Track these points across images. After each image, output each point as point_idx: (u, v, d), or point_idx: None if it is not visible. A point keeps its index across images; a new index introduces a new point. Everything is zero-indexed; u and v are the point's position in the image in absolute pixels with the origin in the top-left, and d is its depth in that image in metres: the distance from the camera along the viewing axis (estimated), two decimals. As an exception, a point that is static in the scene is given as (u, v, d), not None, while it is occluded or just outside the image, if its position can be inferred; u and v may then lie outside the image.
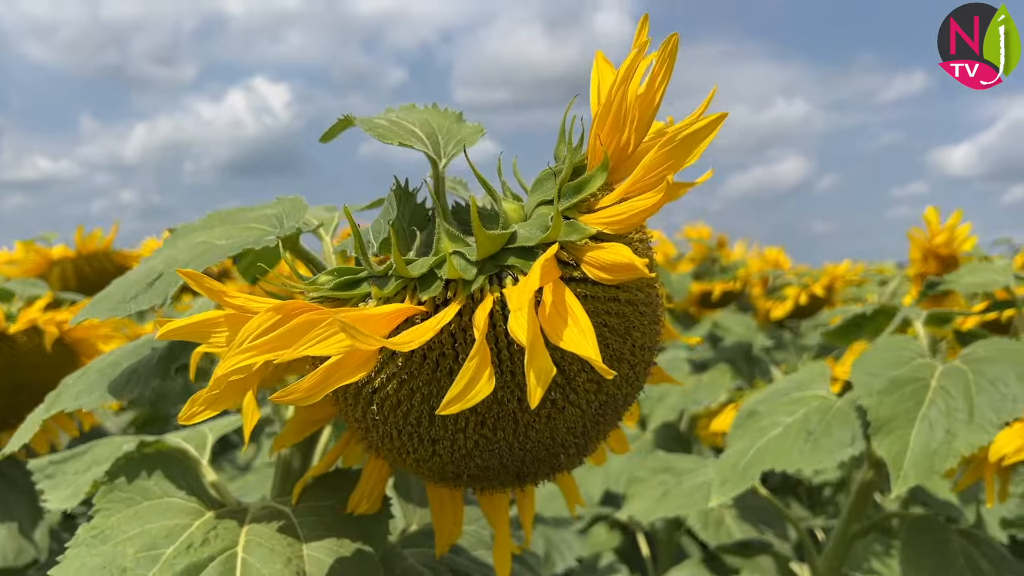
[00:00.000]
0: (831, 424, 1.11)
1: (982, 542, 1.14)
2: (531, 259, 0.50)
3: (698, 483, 1.34)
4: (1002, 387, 1.00)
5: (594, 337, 0.46)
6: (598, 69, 0.58)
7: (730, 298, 2.53)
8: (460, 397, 0.45)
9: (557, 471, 0.66)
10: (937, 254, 1.82)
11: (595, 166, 0.54)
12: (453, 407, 0.45)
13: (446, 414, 0.45)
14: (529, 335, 0.45)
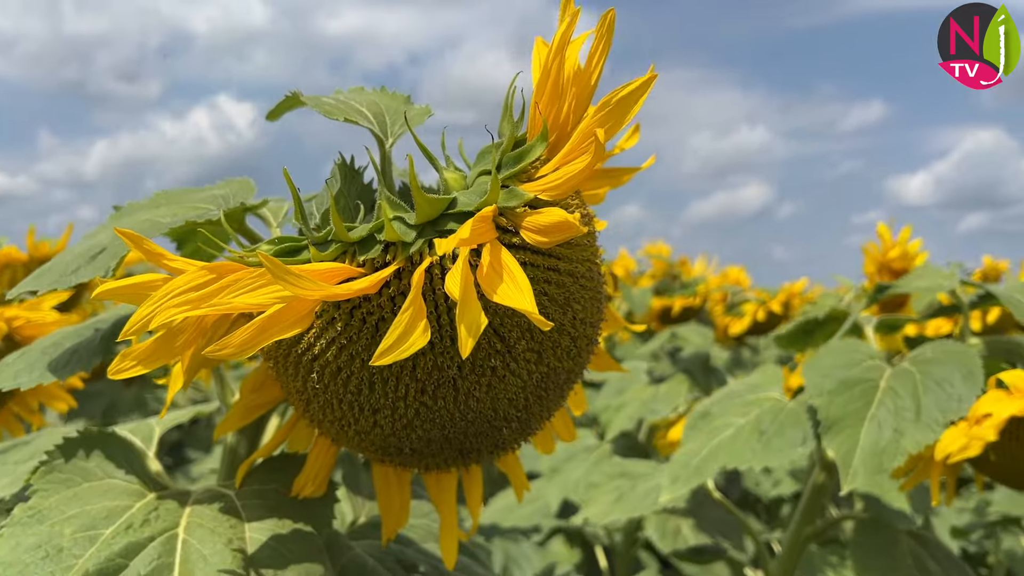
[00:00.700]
0: (783, 424, 1.13)
1: (929, 543, 1.16)
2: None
3: (652, 486, 1.34)
4: (948, 387, 1.02)
5: (531, 293, 0.46)
6: (538, 51, 0.59)
7: (690, 314, 2.56)
8: (394, 348, 0.45)
9: (501, 448, 0.66)
10: (891, 268, 1.86)
11: (535, 136, 0.55)
12: (387, 358, 0.45)
13: (380, 364, 0.45)
14: (462, 288, 0.45)
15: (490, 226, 0.50)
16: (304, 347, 0.55)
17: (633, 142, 0.70)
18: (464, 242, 0.47)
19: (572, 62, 0.55)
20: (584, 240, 0.59)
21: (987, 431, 0.98)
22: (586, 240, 0.59)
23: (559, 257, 0.56)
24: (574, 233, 0.49)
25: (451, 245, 0.47)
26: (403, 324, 0.45)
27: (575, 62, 0.55)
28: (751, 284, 3.29)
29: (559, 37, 0.54)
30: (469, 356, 0.53)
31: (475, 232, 0.48)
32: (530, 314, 0.45)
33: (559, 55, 0.53)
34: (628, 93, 0.52)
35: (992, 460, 1.05)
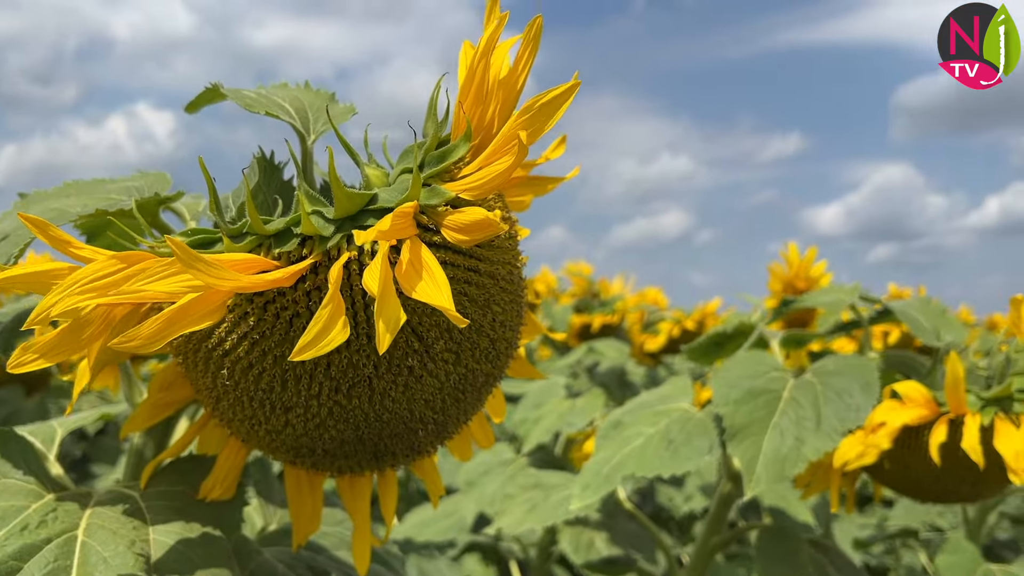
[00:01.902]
0: (691, 433, 1.16)
1: (830, 550, 1.20)
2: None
3: (564, 496, 1.36)
4: (847, 398, 1.06)
5: (449, 290, 0.47)
6: (465, 53, 0.60)
7: (609, 331, 2.60)
8: (313, 343, 0.45)
9: (416, 452, 0.66)
10: (795, 287, 1.93)
11: (459, 136, 0.56)
12: (306, 353, 0.45)
13: (299, 360, 0.45)
14: (380, 284, 0.45)
15: (410, 223, 0.50)
16: (215, 342, 0.54)
17: (559, 152, 0.72)
18: (383, 235, 0.47)
19: (498, 66, 0.56)
20: (506, 243, 0.60)
21: (882, 439, 1.03)
22: (508, 244, 0.60)
23: (480, 258, 0.56)
24: (494, 232, 0.49)
25: (369, 237, 0.47)
26: (323, 319, 0.45)
27: (501, 66, 0.56)
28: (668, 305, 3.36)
29: (485, 40, 0.55)
30: (386, 355, 0.54)
31: (395, 227, 0.48)
32: (447, 311, 0.45)
33: (484, 58, 0.55)
34: (551, 99, 0.53)
35: (887, 468, 1.11)
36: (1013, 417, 1.00)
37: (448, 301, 0.46)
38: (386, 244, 0.48)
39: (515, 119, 0.53)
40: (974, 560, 1.48)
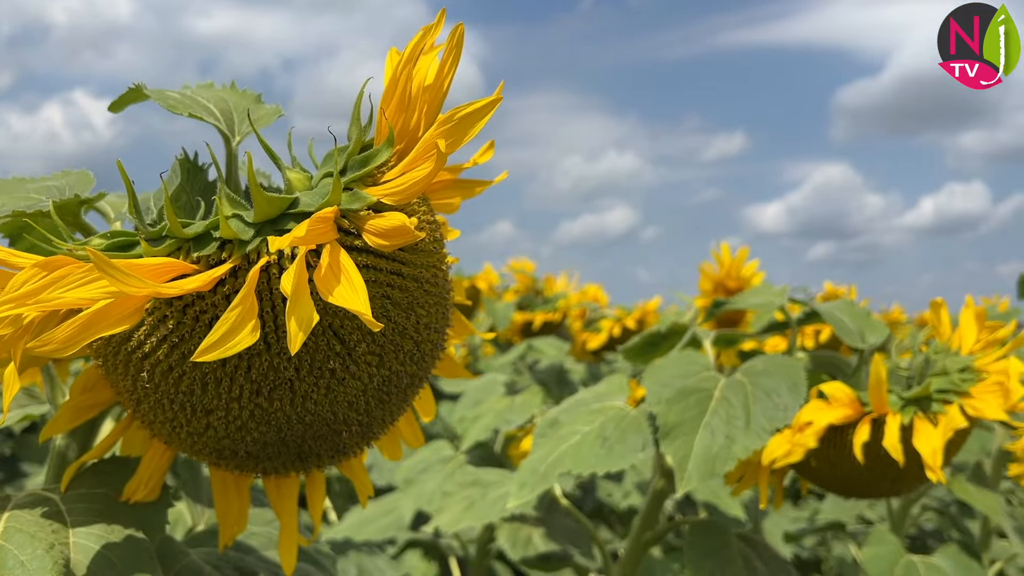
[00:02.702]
0: (625, 431, 1.17)
1: (758, 545, 1.23)
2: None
3: (502, 493, 1.37)
4: (775, 397, 1.09)
5: (366, 294, 0.47)
6: (390, 59, 0.60)
7: (551, 328, 2.62)
8: (219, 344, 0.45)
9: (341, 453, 0.66)
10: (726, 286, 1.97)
11: (382, 141, 0.56)
12: (211, 354, 0.45)
13: (203, 361, 0.45)
14: (294, 285, 0.45)
15: (330, 227, 0.50)
16: (134, 345, 0.53)
17: (487, 157, 0.72)
18: (300, 240, 0.47)
19: (422, 73, 0.56)
20: (430, 247, 0.60)
21: (808, 438, 1.06)
22: (432, 247, 0.61)
23: (404, 262, 0.57)
24: (414, 238, 0.50)
25: (286, 243, 0.47)
26: (231, 321, 0.45)
27: (426, 73, 0.57)
28: (610, 302, 3.40)
29: (409, 49, 0.55)
30: (307, 357, 0.54)
31: (313, 232, 0.48)
32: (362, 315, 0.46)
33: (408, 66, 0.55)
34: (472, 111, 0.54)
35: (813, 466, 1.14)
36: (931, 416, 1.04)
37: (364, 306, 0.46)
38: (305, 248, 0.48)
39: (436, 128, 0.54)
40: (897, 552, 1.53)
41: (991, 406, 1.01)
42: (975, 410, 1.02)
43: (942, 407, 1.03)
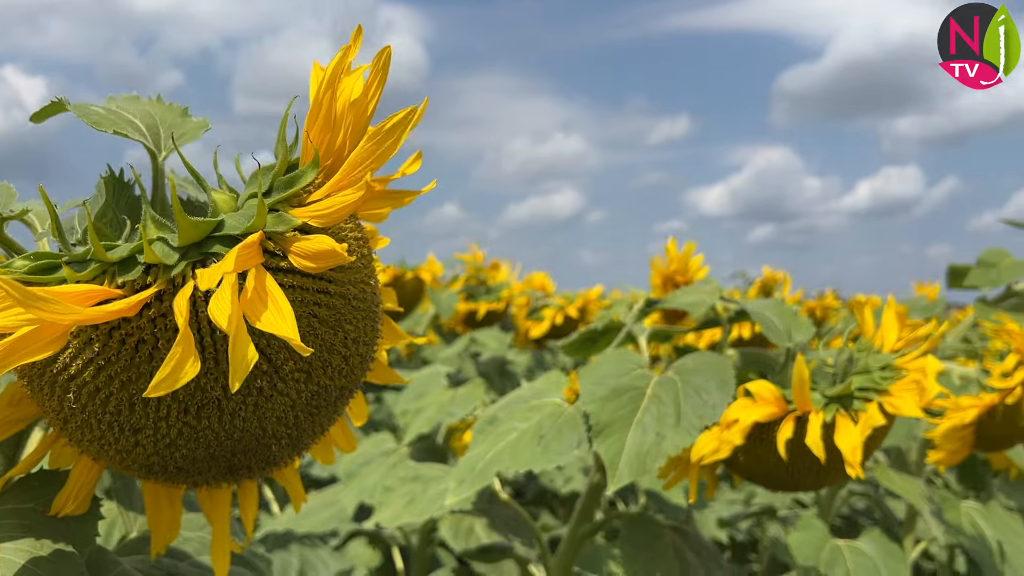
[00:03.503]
0: (561, 429, 1.20)
1: (690, 536, 1.27)
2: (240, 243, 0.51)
3: (442, 489, 1.38)
4: (705, 395, 1.12)
5: (293, 319, 0.48)
6: (315, 76, 0.60)
7: (494, 318, 2.63)
8: (167, 381, 0.46)
9: (272, 464, 0.67)
10: (675, 281, 2.01)
11: (307, 162, 0.57)
12: (160, 390, 0.46)
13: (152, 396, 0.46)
14: (232, 320, 0.46)
15: (255, 252, 0.51)
16: (59, 367, 0.53)
17: (415, 167, 0.73)
18: (227, 272, 0.48)
19: (346, 94, 0.57)
20: (358, 263, 0.61)
21: (735, 435, 1.09)
22: (360, 263, 0.61)
23: (331, 280, 0.57)
24: (341, 261, 0.51)
25: (215, 277, 0.47)
26: (176, 357, 0.46)
27: (349, 94, 0.57)
28: (556, 285, 3.43)
29: (331, 71, 0.55)
30: (232, 376, 0.54)
31: (240, 260, 0.49)
32: (291, 341, 0.47)
33: (331, 88, 0.55)
34: (391, 127, 0.55)
35: (741, 461, 1.18)
36: (852, 414, 1.08)
37: (292, 331, 0.47)
38: (233, 275, 0.49)
39: (362, 146, 0.55)
40: (823, 537, 1.59)
41: (908, 404, 1.06)
42: (894, 407, 1.06)
43: (863, 405, 1.08)
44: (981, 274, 1.91)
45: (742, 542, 2.72)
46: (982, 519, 1.87)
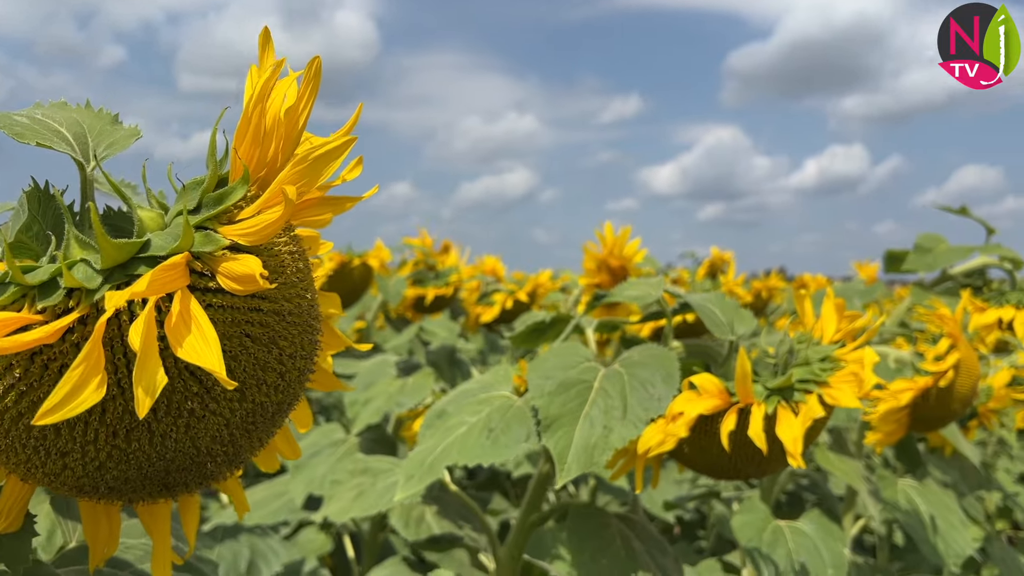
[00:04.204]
0: (510, 422, 1.20)
1: (636, 524, 1.29)
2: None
3: (391, 482, 1.38)
4: (650, 388, 1.14)
5: (218, 347, 0.47)
6: (250, 82, 0.58)
7: (443, 303, 2.63)
8: (60, 406, 0.44)
9: (208, 479, 0.66)
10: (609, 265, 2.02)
11: (237, 179, 0.55)
12: (51, 417, 0.44)
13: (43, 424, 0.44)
14: (142, 343, 0.45)
15: (181, 273, 0.50)
16: (-21, 392, 0.52)
17: (356, 174, 0.72)
18: (142, 294, 0.46)
19: (276, 105, 0.56)
20: (293, 277, 0.60)
21: (680, 428, 1.11)
22: (296, 278, 0.60)
23: (263, 297, 0.56)
24: (262, 288, 0.50)
25: (123, 299, 0.46)
26: (72, 381, 0.45)
27: (280, 106, 0.56)
28: (509, 264, 3.43)
29: (260, 87, 0.54)
30: (164, 399, 0.53)
31: (159, 281, 0.47)
32: (215, 373, 0.46)
33: (260, 103, 0.54)
34: (326, 152, 0.54)
35: (686, 452, 1.20)
36: (793, 405, 1.10)
37: (217, 361, 0.46)
38: (155, 297, 0.47)
39: (291, 168, 0.53)
40: (765, 519, 1.63)
41: (847, 395, 1.08)
42: (832, 399, 1.09)
43: (803, 397, 1.10)
44: (917, 259, 1.96)
45: (690, 520, 2.77)
46: (918, 496, 1.93)
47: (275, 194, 0.53)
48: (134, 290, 0.46)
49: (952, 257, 1.97)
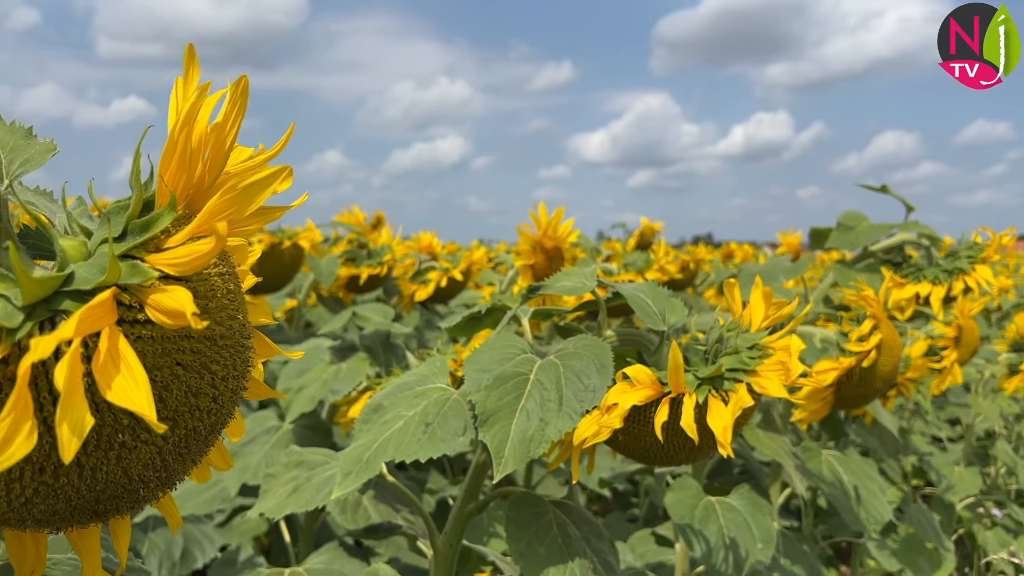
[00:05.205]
0: (447, 416, 1.20)
1: (572, 510, 1.31)
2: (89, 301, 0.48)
3: (328, 476, 1.37)
4: (585, 379, 1.15)
5: (148, 387, 0.46)
6: (175, 101, 0.56)
7: (377, 282, 2.60)
8: None
9: (141, 503, 0.64)
10: (543, 246, 2.03)
11: (164, 204, 0.53)
12: None
13: None
14: (67, 384, 0.43)
15: (108, 309, 0.48)
16: None
17: (287, 185, 0.70)
18: (69, 337, 0.45)
19: (201, 131, 0.54)
20: (224, 300, 0.59)
21: (614, 419, 1.13)
22: (226, 300, 0.59)
23: None
24: (193, 324, 0.48)
25: (51, 346, 0.44)
26: (2, 432, 0.43)
27: (205, 130, 0.54)
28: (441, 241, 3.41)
29: (186, 112, 0.52)
30: (93, 434, 0.52)
31: (86, 322, 0.46)
32: (146, 417, 0.44)
33: (186, 128, 0.52)
34: (255, 182, 0.53)
35: (620, 440, 1.22)
36: (723, 394, 1.13)
37: (146, 404, 0.45)
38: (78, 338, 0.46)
39: (219, 196, 0.52)
40: (697, 495, 1.67)
41: (774, 383, 1.11)
42: (760, 388, 1.12)
43: (733, 386, 1.13)
44: (840, 237, 2.02)
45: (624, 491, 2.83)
46: (840, 465, 2.01)
47: (204, 223, 0.52)
48: (61, 335, 0.44)
49: (873, 235, 2.03)
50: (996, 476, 3.44)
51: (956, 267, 1.95)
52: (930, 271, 1.98)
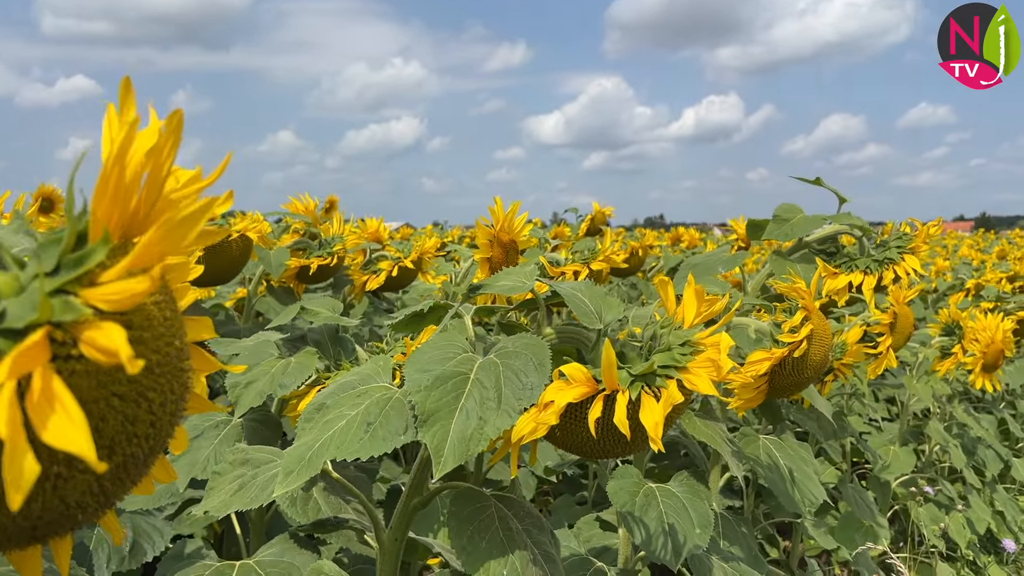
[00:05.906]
0: (389, 415, 1.23)
1: (514, 503, 1.35)
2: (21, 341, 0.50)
3: (273, 475, 1.39)
4: (523, 377, 1.19)
5: (86, 427, 0.47)
6: (108, 133, 0.58)
7: (328, 272, 2.61)
8: None
9: (79, 526, 0.66)
10: (500, 240, 2.07)
11: (97, 239, 0.55)
12: None
13: None
14: (8, 431, 0.45)
15: (40, 349, 0.50)
16: None
17: (227, 207, 0.72)
18: (2, 383, 0.46)
19: (136, 163, 0.55)
20: (161, 328, 0.60)
21: (550, 416, 1.17)
22: (164, 327, 0.61)
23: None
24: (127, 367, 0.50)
25: None
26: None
27: (139, 163, 0.56)
28: (395, 225, 3.42)
29: (119, 145, 0.54)
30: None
31: (19, 364, 0.47)
32: (87, 459, 0.46)
33: (119, 162, 0.54)
34: (188, 215, 0.54)
35: (558, 435, 1.26)
36: (655, 391, 1.17)
37: (85, 445, 0.47)
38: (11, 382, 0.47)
39: (155, 230, 0.54)
40: (638, 483, 1.73)
41: (704, 380, 1.16)
42: (691, 384, 1.16)
43: (664, 382, 1.17)
44: (775, 228, 2.08)
45: (573, 476, 2.90)
46: (777, 450, 2.09)
47: (139, 258, 0.53)
48: None
49: (807, 226, 2.10)
50: (930, 454, 3.58)
51: (886, 257, 2.03)
52: (862, 261, 2.06)
